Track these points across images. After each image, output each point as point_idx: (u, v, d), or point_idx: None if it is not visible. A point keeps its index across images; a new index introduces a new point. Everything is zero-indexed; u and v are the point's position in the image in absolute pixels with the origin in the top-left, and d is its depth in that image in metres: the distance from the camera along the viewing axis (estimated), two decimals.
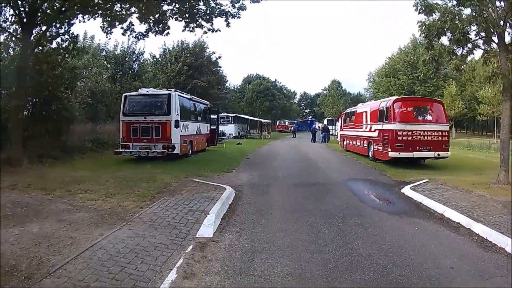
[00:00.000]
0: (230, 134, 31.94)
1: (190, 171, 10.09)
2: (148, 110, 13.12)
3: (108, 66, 27.66)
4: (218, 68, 38.79)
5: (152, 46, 58.31)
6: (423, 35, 10.11)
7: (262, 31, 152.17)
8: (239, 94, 60.51)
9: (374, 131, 13.82)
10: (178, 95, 13.40)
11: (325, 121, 51.66)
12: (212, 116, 19.64)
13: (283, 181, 9.00)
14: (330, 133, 31.17)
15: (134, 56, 28.96)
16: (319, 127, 32.62)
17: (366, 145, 14.76)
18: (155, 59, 38.17)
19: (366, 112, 15.20)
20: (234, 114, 33.68)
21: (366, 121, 15.01)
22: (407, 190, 8.12)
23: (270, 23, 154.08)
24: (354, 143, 16.82)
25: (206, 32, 12.06)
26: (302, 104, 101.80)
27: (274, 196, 7.29)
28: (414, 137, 12.18)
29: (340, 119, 21.29)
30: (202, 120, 16.37)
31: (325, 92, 52.88)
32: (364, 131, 15.14)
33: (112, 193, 7.18)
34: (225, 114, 33.29)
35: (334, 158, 15.33)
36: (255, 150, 18.83)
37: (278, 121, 57.44)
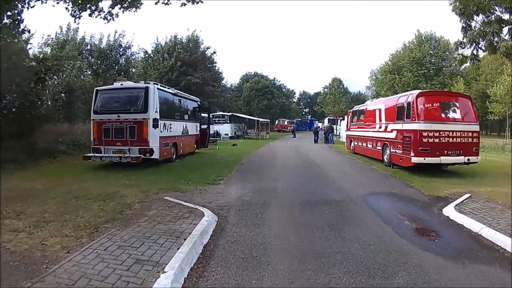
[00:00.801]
0: (226, 134, 29.80)
1: (167, 183, 7.96)
2: (122, 107, 11.00)
3: (92, 60, 25.55)
4: (214, 65, 36.56)
5: (145, 42, 55.95)
6: (459, 13, 7.96)
7: (260, 30, 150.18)
8: (237, 93, 58.32)
9: (391, 131, 11.70)
10: (158, 88, 11.25)
11: (326, 121, 49.60)
12: (203, 114, 17.50)
13: (285, 198, 6.86)
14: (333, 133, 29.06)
15: (120, 49, 26.84)
16: (320, 127, 30.42)
17: (380, 148, 12.65)
18: (147, 55, 35.98)
19: (379, 109, 13.08)
20: (230, 113, 31.54)
21: (380, 120, 12.89)
22: (451, 212, 6.00)
23: (269, 22, 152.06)
24: (364, 145, 14.69)
25: (184, 4, 9.86)
26: (301, 103, 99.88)
27: (273, 226, 5.13)
28: (441, 138, 10.11)
29: (345, 118, 19.16)
30: (190, 118, 14.21)
31: (325, 90, 50.73)
32: (378, 131, 13.02)
33: (47, 219, 5.15)
34: (221, 113, 31.17)
35: (343, 163, 13.19)
36: (252, 153, 16.68)
37: (277, 121, 55.30)
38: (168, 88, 12.44)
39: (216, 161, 12.55)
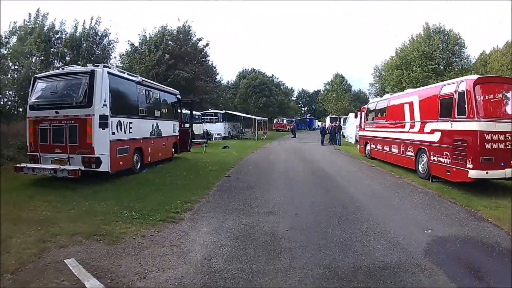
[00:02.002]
0: (218, 134, 26.63)
1: (95, 219, 4.84)
2: (61, 99, 7.92)
3: (65, 50, 22.31)
4: (206, 58, 33.35)
5: (131, 35, 52.41)
6: None
7: (258, 28, 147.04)
8: (233, 90, 54.98)
9: (431, 132, 8.61)
10: (110, 73, 8.11)
11: (328, 119, 46.43)
12: (185, 111, 14.43)
13: (293, 262, 3.69)
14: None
15: (96, 38, 23.57)
16: (327, 126, 27.02)
17: (412, 154, 9.56)
18: (133, 48, 32.77)
19: (410, 103, 9.97)
20: (224, 111, 28.28)
21: (412, 117, 9.79)
22: None
23: (267, 20, 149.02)
24: (386, 149, 11.59)
25: None
26: (300, 102, 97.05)
27: None
28: (507, 143, 7.12)
29: (358, 116, 16.05)
30: (164, 116, 11.08)
31: (327, 87, 47.48)
32: (408, 132, 9.93)
33: None
34: (213, 110, 27.96)
35: (365, 174, 9.96)
36: (244, 159, 13.53)
37: (275, 119, 52.06)
38: (128, 74, 9.26)
39: (194, 172, 9.39)
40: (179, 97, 12.81)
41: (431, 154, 8.54)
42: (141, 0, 70.54)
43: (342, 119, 39.75)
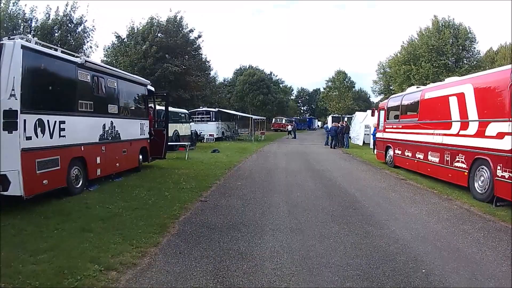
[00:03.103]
0: (210, 135, 23.89)
1: None
2: None
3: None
4: (199, 52, 30.56)
5: (118, 26, 49.52)
6: None
7: (256, 25, 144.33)
8: (229, 88, 52.11)
9: (499, 136, 5.92)
10: (26, 47, 5.33)
11: (330, 119, 43.68)
12: (159, 107, 11.76)
13: None
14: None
15: (71, 26, 20.79)
16: (336, 126, 23.74)
17: (465, 166, 6.88)
18: (119, 40, 29.98)
19: (459, 95, 7.23)
20: (217, 109, 25.45)
21: (464, 115, 7.07)
22: None
23: (266, 17, 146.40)
24: (420, 156, 8.89)
25: None
26: (299, 101, 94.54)
27: None
28: None
29: (376, 114, 13.34)
30: (124, 113, 8.34)
31: (329, 84, 44.65)
32: (458, 135, 7.22)
33: None
34: (205, 108, 25.17)
35: (401, 195, 7.01)
36: (234, 168, 10.80)
37: (274, 119, 49.24)
38: (62, 52, 6.47)
39: (158, 192, 6.61)
40: (151, 88, 10.07)
41: (498, 167, 5.85)
42: None
43: (346, 119, 37.09)
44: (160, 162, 10.40)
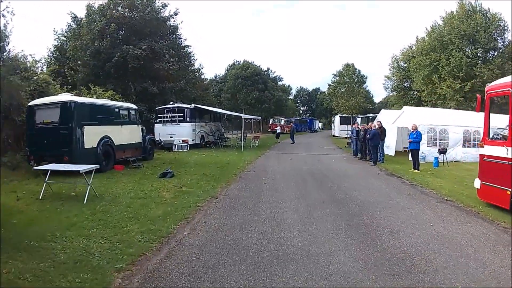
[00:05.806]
0: (183, 141, 17.27)
1: None
2: None
3: None
4: (177, 35, 23.92)
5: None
6: None
7: (254, 24, 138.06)
8: (221, 85, 45.46)
9: None
10: None
11: (337, 119, 37.21)
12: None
13: None
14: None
15: None
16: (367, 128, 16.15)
17: None
18: (76, 21, 23.33)
19: None
20: (193, 105, 18.68)
21: None
22: None
23: (265, 16, 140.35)
24: None
25: None
26: (298, 101, 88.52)
27: None
28: None
29: (485, 112, 6.65)
30: None
31: (336, 78, 38.03)
32: None
33: None
34: (176, 105, 18.34)
35: None
36: (163, 252, 4.19)
37: (271, 119, 42.62)
38: None
39: None
40: None
41: None
42: None
43: (358, 120, 30.63)
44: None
